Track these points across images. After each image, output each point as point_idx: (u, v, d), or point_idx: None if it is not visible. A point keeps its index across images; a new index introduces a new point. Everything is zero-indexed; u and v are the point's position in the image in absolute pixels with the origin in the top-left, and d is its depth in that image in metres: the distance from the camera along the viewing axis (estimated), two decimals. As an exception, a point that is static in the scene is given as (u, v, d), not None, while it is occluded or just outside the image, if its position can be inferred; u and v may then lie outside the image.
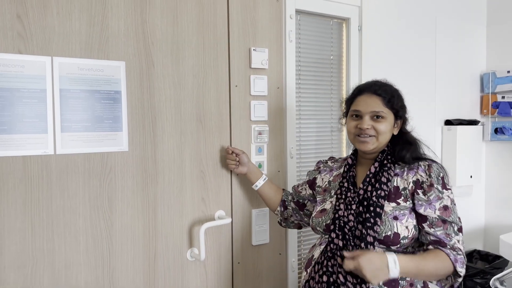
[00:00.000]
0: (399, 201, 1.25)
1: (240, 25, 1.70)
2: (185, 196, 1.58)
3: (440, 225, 1.21)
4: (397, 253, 1.17)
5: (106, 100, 1.41)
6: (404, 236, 1.21)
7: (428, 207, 1.22)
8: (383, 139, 1.30)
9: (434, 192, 1.22)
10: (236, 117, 1.70)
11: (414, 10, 2.34)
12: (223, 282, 1.69)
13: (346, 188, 1.33)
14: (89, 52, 1.39)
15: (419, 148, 1.34)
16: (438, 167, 1.26)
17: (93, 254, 1.41)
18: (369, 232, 1.21)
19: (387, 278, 1.12)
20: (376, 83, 1.35)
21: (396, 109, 1.31)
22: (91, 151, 1.40)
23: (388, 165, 1.29)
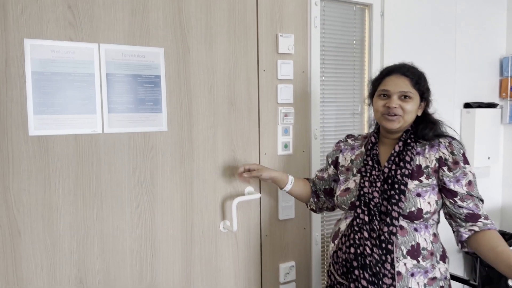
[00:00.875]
0: (422, 178, 1.35)
1: (268, 12, 1.79)
2: (218, 172, 1.71)
3: (469, 198, 1.31)
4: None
5: (147, 84, 1.54)
6: (427, 211, 1.31)
7: (457, 184, 1.31)
8: (409, 118, 1.37)
9: (460, 169, 1.32)
10: (264, 100, 1.81)
11: (435, -5, 2.38)
12: (252, 252, 1.83)
13: (371, 167, 1.42)
14: (131, 39, 1.52)
15: (441, 127, 1.42)
16: (458, 144, 1.36)
17: (137, 224, 1.56)
18: (394, 208, 1.31)
19: None
20: (405, 65, 1.43)
21: (422, 91, 1.39)
22: (135, 130, 1.53)
23: (412, 144, 1.38)
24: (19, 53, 1.34)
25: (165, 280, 1.62)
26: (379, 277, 1.29)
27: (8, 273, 1.36)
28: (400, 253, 1.30)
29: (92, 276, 1.49)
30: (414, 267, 1.30)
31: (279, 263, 1.90)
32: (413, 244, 1.31)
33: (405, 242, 1.31)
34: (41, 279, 1.41)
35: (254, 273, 1.84)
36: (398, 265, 1.30)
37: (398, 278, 1.29)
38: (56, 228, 1.42)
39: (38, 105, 1.37)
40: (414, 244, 1.31)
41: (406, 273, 1.30)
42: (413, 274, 1.30)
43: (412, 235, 1.32)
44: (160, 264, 1.61)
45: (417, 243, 1.31)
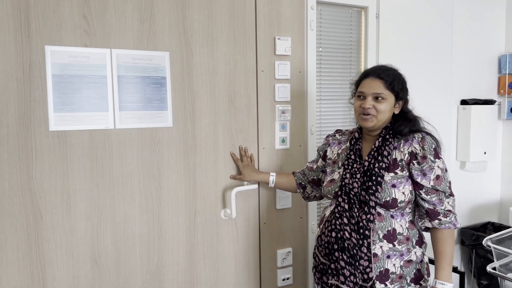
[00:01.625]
0: (397, 171, 1.46)
1: (266, 17, 1.94)
2: (219, 165, 1.87)
3: (434, 192, 1.43)
4: (437, 271, 1.44)
5: (154, 84, 1.71)
6: (401, 200, 1.44)
7: (424, 178, 1.43)
8: (382, 118, 1.49)
9: (427, 163, 1.42)
10: (262, 98, 1.96)
11: (431, -3, 2.48)
12: (252, 239, 1.98)
13: (353, 160, 1.56)
14: (140, 44, 1.68)
15: (418, 124, 1.53)
16: (430, 139, 1.46)
17: (145, 210, 1.73)
18: (371, 197, 1.44)
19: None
20: (381, 68, 1.55)
21: (397, 91, 1.50)
22: (143, 126, 1.70)
23: (390, 140, 1.49)
24: (41, 58, 1.52)
25: (171, 261, 1.80)
26: (356, 258, 1.44)
27: (32, 252, 1.55)
28: (377, 237, 1.44)
29: (105, 256, 1.67)
30: (390, 250, 1.44)
31: (276, 249, 2.05)
32: (389, 229, 1.45)
33: (382, 227, 1.45)
34: (60, 258, 1.60)
35: (253, 257, 1.99)
36: (374, 247, 1.44)
37: (374, 260, 1.43)
38: (73, 213, 1.61)
39: (57, 104, 1.55)
40: (390, 229, 1.45)
41: (382, 255, 1.44)
42: (389, 256, 1.44)
43: (388, 221, 1.45)
44: (166, 247, 1.78)
45: (393, 228, 1.45)
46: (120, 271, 1.70)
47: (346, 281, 1.46)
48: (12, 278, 1.53)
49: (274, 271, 2.06)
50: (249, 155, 1.91)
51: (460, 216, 2.74)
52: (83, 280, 1.64)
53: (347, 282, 1.46)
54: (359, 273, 1.44)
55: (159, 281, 1.78)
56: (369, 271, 1.43)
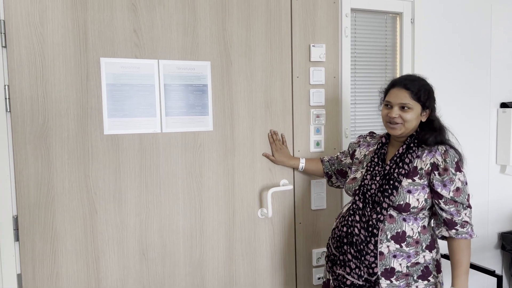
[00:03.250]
0: (415, 178, 1.53)
1: (301, 25, 2.04)
2: (256, 166, 1.98)
3: (452, 203, 1.49)
4: (454, 279, 1.51)
5: (196, 91, 1.85)
6: (414, 206, 1.50)
7: (444, 189, 1.48)
8: (409, 126, 1.55)
9: (448, 176, 1.48)
10: (297, 103, 2.06)
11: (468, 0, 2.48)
12: (287, 238, 2.07)
13: (376, 163, 1.64)
14: (184, 55, 1.83)
15: (443, 134, 1.57)
16: (453, 153, 1.51)
17: (188, 208, 1.87)
18: (385, 200, 1.52)
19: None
20: (407, 78, 1.61)
21: (423, 101, 1.54)
22: (186, 130, 1.85)
23: (413, 148, 1.55)
24: (97, 69, 1.70)
25: (211, 256, 1.92)
26: (363, 254, 1.54)
27: (88, 244, 1.73)
28: (385, 237, 1.52)
29: (152, 250, 1.82)
30: (396, 250, 1.52)
31: (312, 248, 2.13)
32: (399, 231, 1.52)
33: (391, 228, 1.53)
34: (112, 249, 1.76)
35: (289, 256, 2.08)
36: (381, 246, 1.52)
37: (380, 257, 1.52)
38: (124, 208, 1.77)
39: (111, 110, 1.72)
40: (400, 231, 1.52)
41: (389, 254, 1.52)
42: (395, 256, 1.52)
43: (399, 223, 1.53)
44: (207, 243, 1.91)
45: (403, 231, 1.52)
46: (165, 263, 1.84)
47: (351, 272, 1.56)
48: (70, 267, 1.71)
49: (310, 270, 2.14)
50: (283, 139, 2.02)
51: (501, 220, 2.71)
52: (132, 271, 1.79)
53: (352, 274, 1.56)
54: (364, 267, 1.53)
55: (201, 274, 1.91)
56: (374, 267, 1.52)
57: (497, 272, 2.11)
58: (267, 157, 2.00)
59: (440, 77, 2.43)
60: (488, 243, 2.70)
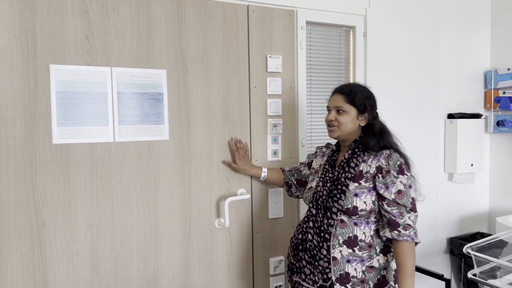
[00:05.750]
0: (361, 182, 1.57)
1: (258, 36, 2.06)
2: (213, 176, 1.97)
3: (395, 205, 1.51)
4: (399, 283, 1.50)
5: (151, 100, 1.82)
6: (361, 209, 1.54)
7: (386, 190, 1.52)
8: (345, 129, 1.62)
9: (390, 178, 1.52)
10: (255, 112, 2.07)
11: (417, 16, 2.61)
12: (245, 247, 2.07)
13: (326, 170, 1.69)
14: (139, 63, 1.80)
15: (386, 138, 1.62)
16: (397, 156, 1.56)
17: (142, 219, 1.83)
18: (335, 204, 1.57)
19: None
20: (345, 85, 1.70)
21: (358, 105, 1.61)
22: (141, 139, 1.81)
23: (358, 153, 1.61)
24: (46, 75, 1.64)
25: (167, 268, 1.88)
26: (316, 259, 1.57)
27: (35, 258, 1.64)
28: (337, 242, 1.55)
29: (104, 262, 1.76)
30: (349, 255, 1.54)
31: (269, 257, 2.13)
32: (350, 235, 1.55)
33: (343, 233, 1.55)
34: (61, 263, 1.68)
35: (246, 265, 2.08)
36: (334, 251, 1.55)
37: (334, 263, 1.55)
38: (74, 221, 1.70)
39: (60, 118, 1.66)
40: (351, 235, 1.55)
41: (342, 259, 1.54)
42: (349, 260, 1.54)
43: (350, 228, 1.56)
44: (162, 255, 1.87)
45: (354, 235, 1.55)
46: (118, 277, 1.78)
47: (306, 278, 1.59)
48: (16, 282, 1.61)
49: (267, 279, 2.14)
50: (246, 148, 2.02)
51: (449, 226, 2.83)
52: (83, 285, 1.72)
53: (307, 280, 1.59)
54: (318, 273, 1.56)
55: (156, 286, 1.86)
56: (328, 272, 1.54)
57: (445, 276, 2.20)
58: (229, 165, 1.99)
59: (392, 88, 2.53)
60: (437, 248, 2.81)
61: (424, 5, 2.63)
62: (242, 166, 1.98)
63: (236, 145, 1.99)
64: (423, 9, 2.63)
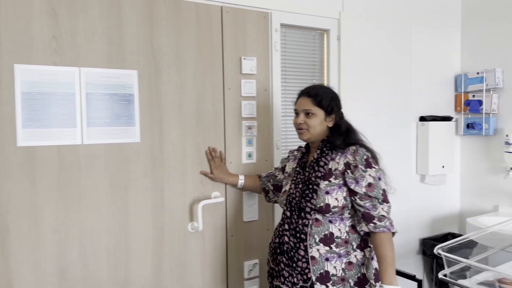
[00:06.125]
0: (331, 179, 1.59)
1: (232, 38, 2.04)
2: (186, 179, 1.94)
3: (367, 198, 1.54)
4: (380, 275, 1.52)
5: (122, 101, 1.78)
6: (334, 205, 1.56)
7: (357, 185, 1.54)
8: (314, 131, 1.64)
9: (358, 172, 1.55)
10: (229, 114, 2.05)
11: (390, 20, 2.65)
12: (219, 251, 2.04)
13: (298, 172, 1.70)
14: (108, 63, 1.75)
15: (352, 136, 1.66)
16: (363, 151, 1.59)
17: (112, 224, 1.78)
18: (307, 204, 1.58)
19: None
20: (311, 87, 1.72)
21: (325, 107, 1.64)
22: (111, 142, 1.76)
23: (327, 152, 1.63)
24: (10, 76, 1.58)
25: (138, 274, 1.84)
26: (294, 260, 1.57)
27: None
28: (313, 241, 1.56)
29: (72, 269, 1.70)
30: (327, 252, 1.56)
31: (243, 261, 2.11)
32: (326, 233, 1.57)
33: (319, 231, 1.57)
34: (27, 270, 1.62)
35: (220, 269, 2.05)
36: (311, 250, 1.56)
37: (312, 262, 1.55)
38: (40, 226, 1.64)
39: (26, 120, 1.60)
40: (327, 233, 1.57)
41: (320, 257, 1.55)
42: (327, 259, 1.55)
43: (326, 226, 1.57)
44: (133, 260, 1.82)
45: (330, 232, 1.57)
46: (86, 283, 1.73)
47: (285, 281, 1.59)
48: (-23, 292, 1.54)
49: (241, 283, 2.12)
50: (221, 157, 2.00)
51: (421, 227, 2.88)
52: (50, 293, 1.66)
53: (286, 282, 1.58)
54: (297, 274, 1.56)
55: (126, 293, 1.81)
56: (308, 272, 1.54)
57: (418, 277, 2.23)
58: (205, 175, 1.97)
59: (365, 91, 2.56)
60: (410, 248, 2.85)
61: (397, 9, 2.68)
62: (219, 175, 1.96)
63: (211, 154, 1.97)
64: (396, 13, 2.67)
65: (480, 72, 2.81)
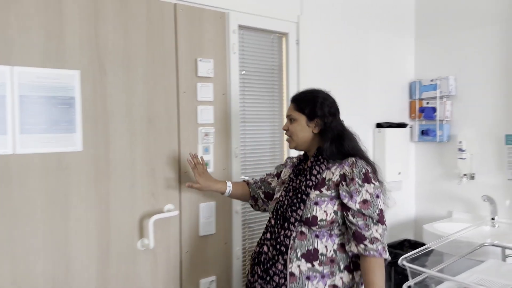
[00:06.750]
0: (322, 189, 1.46)
1: (187, 38, 1.90)
2: (136, 191, 1.76)
3: (360, 216, 1.39)
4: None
5: (61, 105, 1.58)
6: (322, 218, 1.42)
7: (350, 200, 1.40)
8: (297, 138, 1.55)
9: (354, 186, 1.40)
10: (184, 120, 1.90)
11: (347, 26, 2.62)
12: (172, 269, 1.87)
13: (291, 179, 1.58)
14: (46, 62, 1.55)
15: (346, 143, 1.49)
16: (363, 163, 1.44)
17: (50, 243, 1.56)
18: (293, 214, 1.45)
19: None
20: (298, 92, 1.63)
21: (306, 112, 1.52)
22: (48, 151, 1.55)
23: (322, 160, 1.50)
24: None
25: (80, 299, 1.63)
26: (269, 273, 1.43)
27: None
28: (294, 255, 1.41)
29: (0, 299, 1.47)
30: (308, 270, 1.40)
31: (199, 279, 1.95)
32: (310, 248, 1.42)
33: (302, 246, 1.42)
34: None
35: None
36: (291, 266, 1.41)
37: (291, 279, 1.40)
38: (-39, 250, 1.40)
39: None
40: (311, 248, 1.42)
41: (301, 275, 1.40)
42: (308, 277, 1.40)
43: (311, 240, 1.43)
44: (75, 284, 1.61)
45: (314, 248, 1.42)
46: (18, 315, 1.50)
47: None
48: None
49: (197, 302, 1.96)
50: (203, 163, 1.80)
51: (379, 234, 2.85)
52: (-28, 328, 1.42)
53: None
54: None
55: (66, 322, 1.60)
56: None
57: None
58: (191, 186, 1.76)
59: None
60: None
61: (354, 15, 2.65)
62: (204, 183, 1.75)
63: (193, 161, 1.77)
64: (353, 19, 2.65)
65: (434, 80, 2.85)
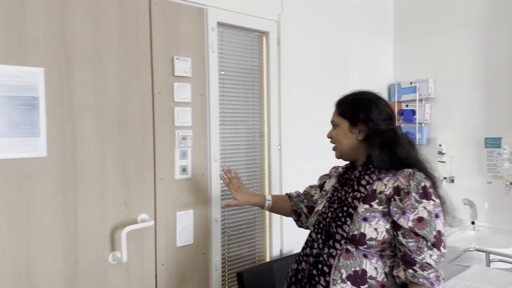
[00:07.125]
0: (373, 203, 1.25)
1: (163, 34, 1.77)
2: (107, 200, 1.62)
3: (413, 237, 1.18)
4: None
5: (23, 106, 1.42)
6: (371, 237, 1.21)
7: (402, 217, 1.19)
8: (340, 146, 1.38)
9: (409, 201, 1.19)
10: (160, 122, 1.77)
11: (328, 27, 2.55)
12: (146, 284, 1.73)
13: (335, 188, 1.40)
14: (6, 59, 1.39)
15: (399, 151, 1.28)
16: (421, 176, 1.23)
17: (11, 259, 1.40)
18: (338, 230, 1.26)
19: None
20: (344, 96, 1.45)
21: (348, 117, 1.35)
22: (7, 157, 1.39)
23: (372, 169, 1.30)
24: None
25: (44, 321, 1.47)
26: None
27: None
28: (339, 276, 1.22)
29: (-50, 325, 1.30)
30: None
31: (176, 293, 1.83)
32: (357, 269, 1.22)
33: (347, 266, 1.23)
34: None
35: (149, 305, 1.74)
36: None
37: None
38: None
39: None
40: (358, 270, 1.22)
41: None
42: None
43: (358, 260, 1.23)
44: (38, 304, 1.46)
45: (362, 269, 1.22)
46: None
47: None
48: None
49: (174, 317, 1.83)
50: (237, 176, 1.67)
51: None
52: None
53: None
54: None
55: None
56: None
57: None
58: (228, 205, 1.63)
59: (305, 98, 2.42)
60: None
61: (335, 17, 2.59)
62: (242, 198, 1.61)
63: (227, 176, 1.64)
64: (334, 20, 2.58)
65: (413, 82, 2.83)
